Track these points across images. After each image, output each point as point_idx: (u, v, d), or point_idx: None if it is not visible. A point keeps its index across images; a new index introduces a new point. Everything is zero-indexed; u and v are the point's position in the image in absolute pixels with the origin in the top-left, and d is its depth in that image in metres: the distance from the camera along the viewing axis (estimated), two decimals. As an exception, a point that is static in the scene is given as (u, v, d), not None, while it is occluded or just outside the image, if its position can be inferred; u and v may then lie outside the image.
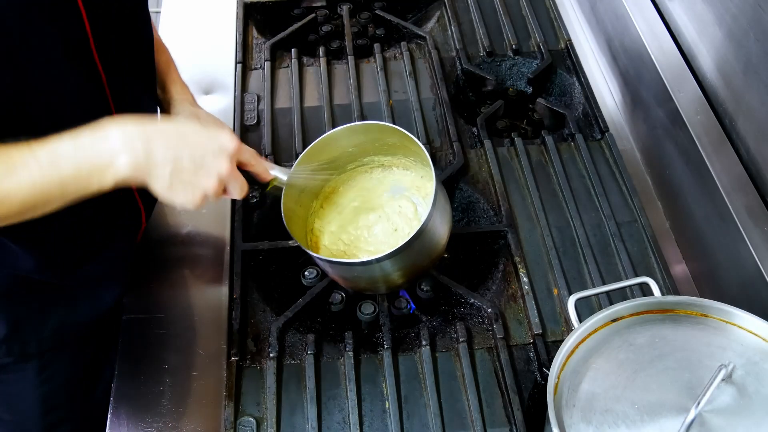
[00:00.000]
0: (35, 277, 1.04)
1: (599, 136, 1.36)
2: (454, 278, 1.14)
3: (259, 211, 1.25)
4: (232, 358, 1.05)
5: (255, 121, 1.39)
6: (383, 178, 1.16)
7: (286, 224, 1.02)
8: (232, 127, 1.36)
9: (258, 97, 1.43)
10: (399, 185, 1.15)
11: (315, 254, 1.01)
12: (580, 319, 0.92)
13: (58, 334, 1.11)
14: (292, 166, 1.06)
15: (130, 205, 1.11)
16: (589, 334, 0.90)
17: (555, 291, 1.14)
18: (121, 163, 0.85)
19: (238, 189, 0.95)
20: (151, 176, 0.87)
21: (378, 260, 0.98)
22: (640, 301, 0.93)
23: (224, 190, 0.95)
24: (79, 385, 1.21)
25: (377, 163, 1.16)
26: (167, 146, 0.87)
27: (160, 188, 0.88)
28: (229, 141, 0.92)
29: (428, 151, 1.05)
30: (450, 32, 1.57)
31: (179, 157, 0.88)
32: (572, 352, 0.88)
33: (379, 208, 1.13)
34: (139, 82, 1.07)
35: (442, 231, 1.05)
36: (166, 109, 1.15)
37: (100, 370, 1.20)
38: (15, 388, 1.16)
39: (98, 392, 1.20)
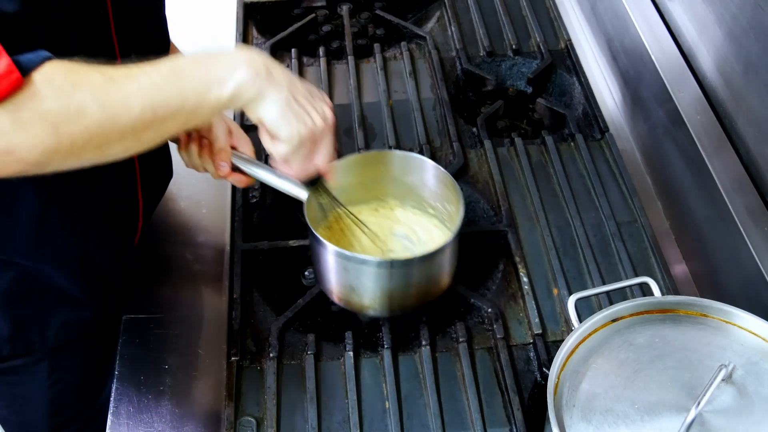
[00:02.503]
0: (26, 264, 1.04)
1: (599, 136, 1.36)
2: (454, 278, 1.14)
3: (259, 211, 1.25)
4: (232, 358, 1.05)
5: (255, 121, 1.39)
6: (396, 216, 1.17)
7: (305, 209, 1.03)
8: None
9: (258, 97, 1.43)
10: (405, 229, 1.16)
11: (327, 241, 1.00)
12: (580, 319, 0.92)
13: (63, 333, 1.11)
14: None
15: (129, 200, 1.10)
16: (589, 334, 0.90)
17: (555, 291, 1.14)
18: (242, 72, 0.82)
19: (328, 147, 0.92)
20: (269, 91, 0.84)
21: (392, 264, 1.00)
22: (640, 301, 0.93)
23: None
24: (87, 386, 1.21)
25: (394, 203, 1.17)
26: (283, 71, 0.86)
27: (274, 106, 0.85)
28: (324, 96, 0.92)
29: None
30: (450, 32, 1.57)
31: (294, 82, 0.87)
32: (572, 352, 0.88)
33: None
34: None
35: (447, 266, 1.06)
36: None
37: (106, 370, 1.20)
38: (23, 390, 1.16)
39: (105, 392, 1.20)
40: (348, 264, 1.01)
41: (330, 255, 1.01)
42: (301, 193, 1.03)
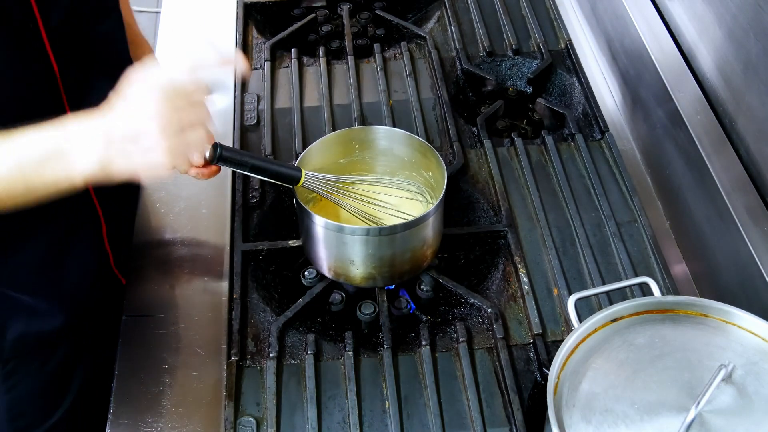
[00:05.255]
0: None
1: (599, 136, 1.36)
2: (454, 278, 1.14)
3: (259, 211, 1.25)
4: (232, 358, 1.05)
5: (255, 121, 1.39)
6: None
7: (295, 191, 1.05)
8: (232, 127, 1.36)
9: (258, 97, 1.43)
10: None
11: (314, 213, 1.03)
12: (580, 319, 0.92)
13: (20, 343, 1.10)
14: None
15: (86, 209, 1.09)
16: (589, 334, 0.90)
17: (555, 291, 1.14)
18: (87, 159, 0.85)
19: (192, 156, 0.93)
20: (115, 163, 0.87)
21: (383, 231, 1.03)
22: (640, 301, 0.93)
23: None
24: (48, 393, 1.19)
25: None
26: (119, 135, 0.86)
27: (124, 168, 0.88)
28: (156, 115, 0.87)
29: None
30: (450, 32, 1.57)
31: (129, 139, 0.86)
32: (572, 352, 0.88)
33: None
34: (102, 76, 1.02)
35: (434, 233, 1.09)
36: None
37: (69, 377, 1.18)
38: None
39: (68, 400, 1.19)
40: (338, 235, 1.04)
41: (319, 228, 1.05)
42: (291, 181, 1.04)
